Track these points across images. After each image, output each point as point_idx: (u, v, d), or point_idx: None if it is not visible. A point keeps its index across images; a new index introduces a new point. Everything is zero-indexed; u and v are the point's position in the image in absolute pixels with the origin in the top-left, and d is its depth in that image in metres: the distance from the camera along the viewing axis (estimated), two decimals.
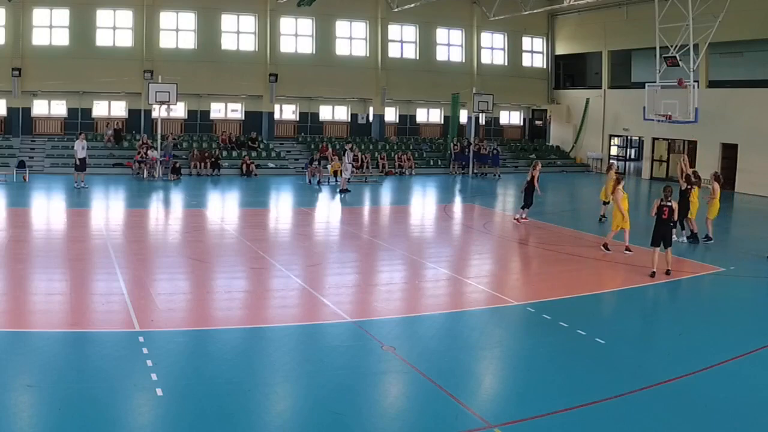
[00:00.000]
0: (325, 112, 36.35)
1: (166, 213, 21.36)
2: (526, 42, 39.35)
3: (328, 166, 28.36)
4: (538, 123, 41.36)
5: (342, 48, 34.99)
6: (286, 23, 33.74)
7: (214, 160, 29.80)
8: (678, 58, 25.36)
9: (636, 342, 9.70)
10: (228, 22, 32.81)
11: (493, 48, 38.53)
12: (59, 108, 31.59)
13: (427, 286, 12.69)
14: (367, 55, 35.31)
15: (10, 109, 30.03)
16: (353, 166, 27.01)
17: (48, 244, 14.97)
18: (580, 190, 30.59)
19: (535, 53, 39.82)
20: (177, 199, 23.60)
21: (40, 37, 29.87)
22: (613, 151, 38.18)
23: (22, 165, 26.34)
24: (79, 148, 24.09)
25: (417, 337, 9.56)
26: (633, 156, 40.21)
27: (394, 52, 35.99)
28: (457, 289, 12.29)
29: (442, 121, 38.20)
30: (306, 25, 34.10)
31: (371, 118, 36.30)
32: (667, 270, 13.14)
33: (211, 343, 9.11)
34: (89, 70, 29.94)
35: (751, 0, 26.60)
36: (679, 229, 16.47)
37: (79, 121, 31.41)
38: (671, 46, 25.53)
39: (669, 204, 13.18)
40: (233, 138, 32.64)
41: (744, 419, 7.11)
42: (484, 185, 30.14)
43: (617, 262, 14.55)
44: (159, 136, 28.57)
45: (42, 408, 6.83)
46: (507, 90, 37.09)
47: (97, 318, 9.74)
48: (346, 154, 25.62)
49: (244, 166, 29.84)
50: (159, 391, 7.20)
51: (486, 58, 38.26)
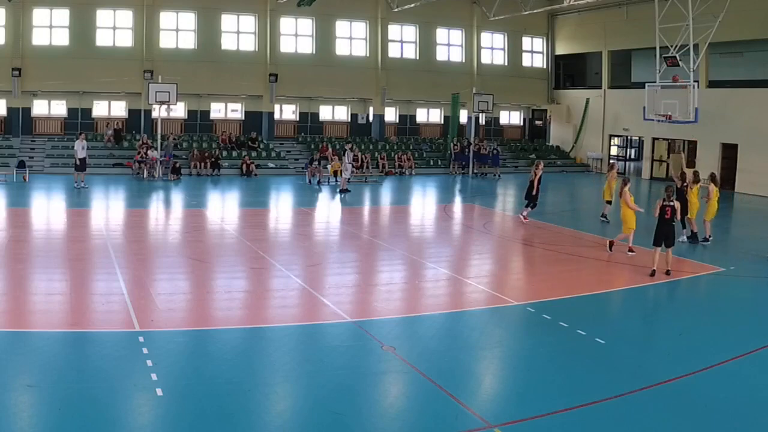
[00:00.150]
0: (325, 112, 36.35)
1: (166, 213, 21.36)
2: (526, 42, 39.34)
3: (328, 166, 28.35)
4: (538, 123, 41.35)
5: (342, 48, 34.98)
6: (286, 23, 33.74)
7: (214, 160, 29.80)
8: (678, 58, 25.35)
9: (636, 342, 9.71)
10: (228, 22, 32.81)
11: (493, 48, 38.53)
12: (59, 108, 31.59)
13: (427, 286, 12.69)
14: (367, 55, 35.31)
15: (10, 109, 30.03)
16: (353, 166, 26.99)
17: (48, 244, 14.97)
18: (580, 190, 30.60)
19: (535, 53, 39.81)
20: (177, 199, 23.59)
21: (40, 37, 29.87)
22: (613, 151, 38.17)
23: (22, 165, 26.33)
24: (79, 148, 24.09)
25: (417, 337, 9.56)
26: (633, 156, 40.19)
27: (394, 52, 35.99)
28: (457, 289, 12.29)
29: (442, 121, 38.19)
30: (306, 25, 34.10)
31: (371, 118, 36.29)
32: (667, 270, 13.15)
33: (211, 343, 9.11)
34: (89, 70, 29.94)
35: (751, 0, 26.60)
36: (679, 229, 16.46)
37: (79, 121, 31.41)
38: (671, 46, 25.52)
39: (671, 204, 13.21)
40: (233, 138, 32.64)
41: (744, 419, 7.11)
42: (484, 185, 30.14)
43: (617, 262, 14.55)
44: (159, 136, 28.57)
45: (42, 408, 6.83)
46: (507, 90, 37.08)
47: (97, 318, 9.74)
48: (346, 154, 25.60)
49: (244, 166, 29.84)
50: (159, 391, 7.20)
51: (486, 58, 38.25)
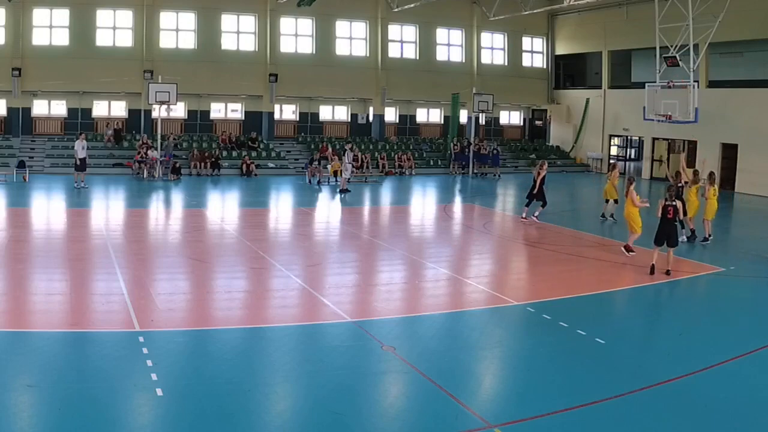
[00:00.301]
0: (325, 112, 36.35)
1: (166, 213, 21.36)
2: (526, 42, 39.33)
3: (328, 166, 28.34)
4: (538, 123, 41.34)
5: (342, 48, 34.98)
6: (286, 23, 33.74)
7: (214, 160, 29.80)
8: (678, 58, 25.36)
9: (636, 342, 9.71)
10: (228, 22, 32.81)
11: (493, 48, 38.52)
12: (59, 108, 31.59)
13: (427, 286, 12.68)
14: (367, 55, 35.31)
15: (10, 109, 30.03)
16: (353, 166, 26.99)
17: (48, 244, 14.96)
18: (580, 190, 30.59)
19: (535, 53, 39.80)
20: (177, 199, 23.59)
21: (40, 37, 29.87)
22: (613, 151, 38.17)
23: (22, 165, 26.33)
24: (79, 148, 24.09)
25: (417, 337, 9.55)
26: (633, 156, 40.18)
27: (394, 52, 35.99)
28: (457, 289, 12.29)
29: (442, 121, 38.19)
30: (306, 25, 34.10)
31: (371, 118, 36.29)
32: (667, 270, 13.14)
33: (211, 343, 9.11)
34: (89, 70, 29.94)
35: (751, 0, 26.59)
36: (679, 229, 16.44)
37: (79, 121, 31.41)
38: (671, 46, 25.52)
39: (674, 204, 13.23)
40: (233, 138, 32.64)
41: (744, 419, 7.11)
42: (484, 185, 30.14)
43: (617, 262, 14.54)
44: (159, 136, 28.57)
45: (42, 408, 6.83)
46: (507, 90, 37.08)
47: (97, 318, 9.74)
48: (346, 154, 25.60)
49: (244, 166, 29.84)
50: (159, 391, 7.20)
51: (486, 58, 38.25)
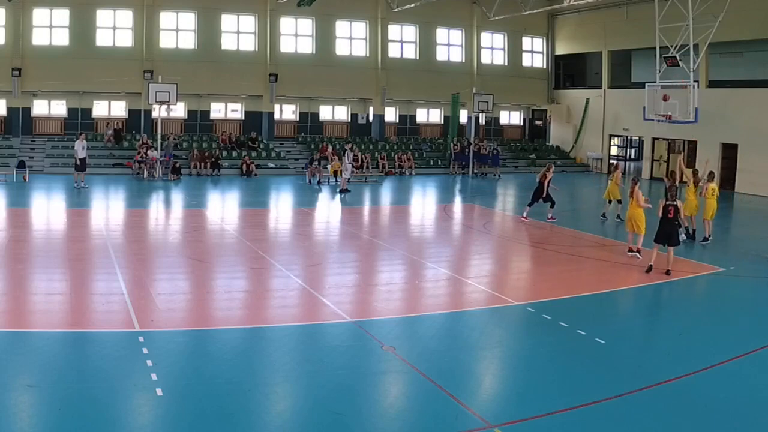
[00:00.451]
0: (325, 112, 36.35)
1: (166, 213, 21.36)
2: (526, 42, 39.33)
3: (328, 166, 28.34)
4: (538, 123, 41.34)
5: (342, 48, 34.98)
6: (286, 23, 33.74)
7: (214, 160, 29.80)
8: (678, 58, 25.35)
9: (636, 342, 9.71)
10: (228, 22, 32.81)
11: (493, 48, 38.52)
12: (59, 108, 31.59)
13: (427, 286, 12.68)
14: (367, 55, 35.31)
15: (10, 109, 30.03)
16: (353, 166, 26.99)
17: (48, 244, 14.96)
18: (580, 190, 30.57)
19: (535, 53, 39.80)
20: (177, 199, 23.59)
21: (40, 37, 29.86)
22: (613, 151, 38.17)
23: (22, 165, 26.33)
24: (80, 148, 24.09)
25: (417, 337, 9.55)
26: (633, 156, 40.20)
27: (394, 52, 35.99)
28: (457, 289, 12.29)
29: (442, 121, 38.19)
30: (306, 25, 34.10)
31: (371, 118, 36.29)
32: (667, 270, 13.14)
33: (211, 343, 9.11)
34: (89, 70, 29.94)
35: (751, 0, 26.59)
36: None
37: (79, 121, 31.41)
38: (671, 46, 25.50)
39: (674, 203, 13.27)
40: (233, 138, 32.64)
41: (744, 419, 7.11)
42: (484, 185, 30.14)
43: (617, 262, 14.54)
44: (159, 136, 28.57)
45: (42, 408, 6.83)
46: (507, 90, 37.08)
47: (97, 318, 9.74)
48: (346, 154, 25.60)
49: (244, 166, 29.84)
50: (159, 391, 7.20)
51: (486, 58, 38.25)
